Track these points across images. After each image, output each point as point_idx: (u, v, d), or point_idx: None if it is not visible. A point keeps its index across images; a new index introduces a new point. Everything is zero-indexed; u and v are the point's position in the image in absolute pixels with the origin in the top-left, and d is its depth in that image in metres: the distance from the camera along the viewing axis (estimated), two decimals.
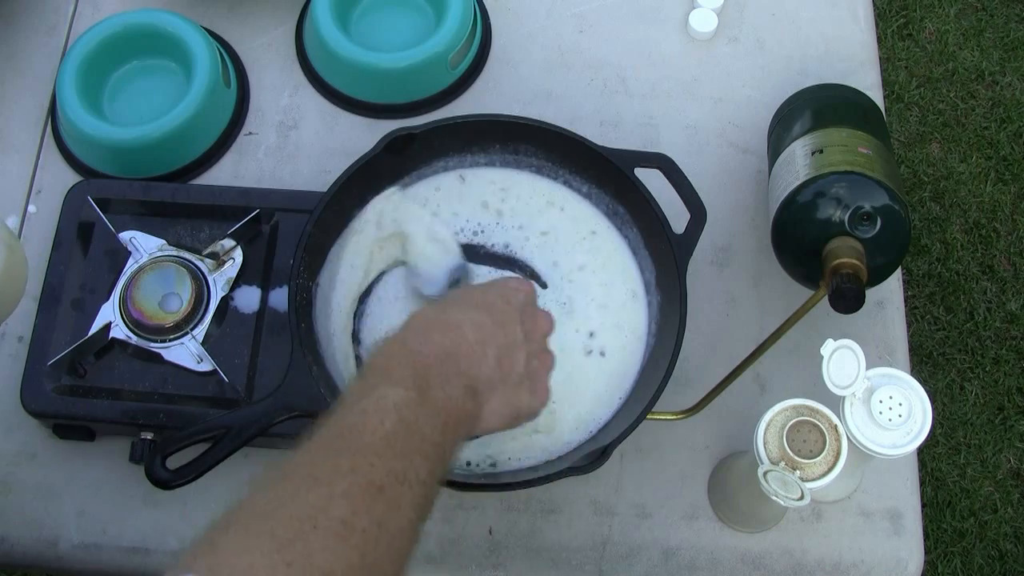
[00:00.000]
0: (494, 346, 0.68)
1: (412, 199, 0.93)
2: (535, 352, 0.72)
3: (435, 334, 0.66)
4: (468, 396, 0.65)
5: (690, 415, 0.89)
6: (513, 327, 0.70)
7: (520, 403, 0.70)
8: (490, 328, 0.68)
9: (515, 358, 0.69)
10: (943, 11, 2.19)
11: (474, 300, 0.71)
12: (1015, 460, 1.81)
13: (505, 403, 0.69)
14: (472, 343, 0.67)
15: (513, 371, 0.69)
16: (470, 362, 0.66)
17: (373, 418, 0.59)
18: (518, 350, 0.70)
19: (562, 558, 0.90)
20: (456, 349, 0.66)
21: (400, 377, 0.62)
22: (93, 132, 0.99)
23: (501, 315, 0.70)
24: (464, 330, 0.67)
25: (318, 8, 1.05)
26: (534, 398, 0.71)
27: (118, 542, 0.90)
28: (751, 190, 1.03)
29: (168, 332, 0.90)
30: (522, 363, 0.70)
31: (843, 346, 0.79)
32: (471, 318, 0.68)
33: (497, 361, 0.67)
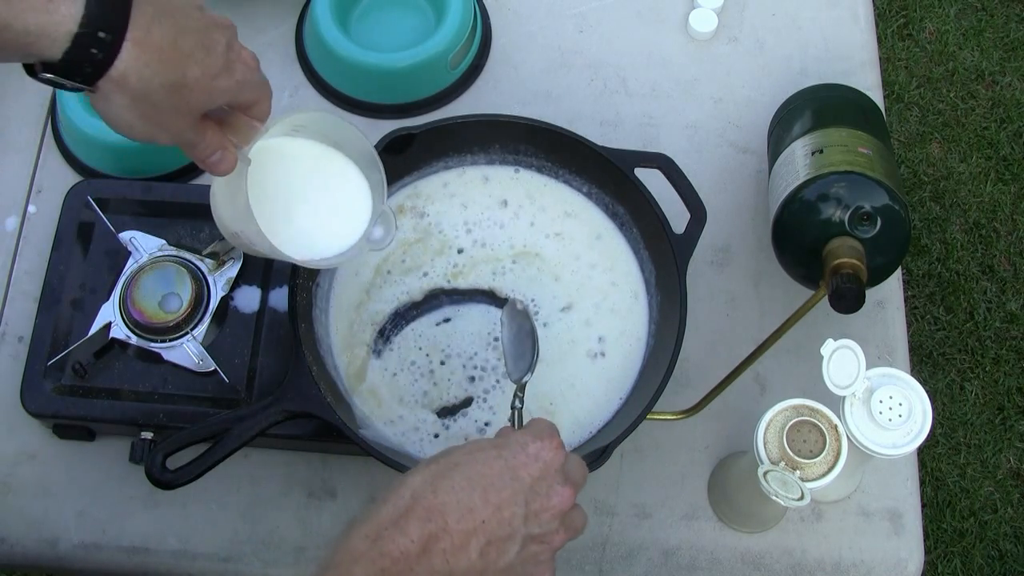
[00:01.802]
0: (482, 536, 0.61)
1: None
2: (538, 535, 0.64)
3: (413, 522, 0.60)
4: None
5: (690, 415, 0.89)
6: (512, 509, 0.62)
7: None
8: (481, 514, 0.61)
9: (506, 548, 0.62)
10: (943, 11, 2.19)
11: (473, 472, 0.63)
12: (1015, 460, 1.81)
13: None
14: (454, 534, 0.60)
15: (500, 560, 0.62)
16: (447, 557, 0.60)
17: None
18: (512, 538, 0.62)
19: (562, 558, 0.90)
20: (435, 543, 0.59)
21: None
22: (93, 132, 0.99)
23: (500, 494, 0.62)
24: (448, 518, 0.60)
25: (318, 8, 1.05)
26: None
27: (118, 542, 0.90)
28: (751, 190, 1.03)
29: (168, 332, 0.90)
30: (513, 553, 0.62)
31: (843, 346, 0.79)
32: (460, 500, 0.61)
33: (480, 554, 0.61)
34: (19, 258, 1.00)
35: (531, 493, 0.63)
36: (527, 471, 0.64)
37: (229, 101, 0.68)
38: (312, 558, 0.89)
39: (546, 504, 0.64)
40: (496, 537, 0.61)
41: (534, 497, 0.63)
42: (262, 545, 0.90)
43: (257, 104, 0.71)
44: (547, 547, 0.65)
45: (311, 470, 0.92)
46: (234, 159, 0.70)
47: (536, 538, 0.64)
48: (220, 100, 0.67)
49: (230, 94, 0.67)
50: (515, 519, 0.62)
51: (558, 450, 0.66)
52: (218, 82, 0.65)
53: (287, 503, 0.91)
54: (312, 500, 0.91)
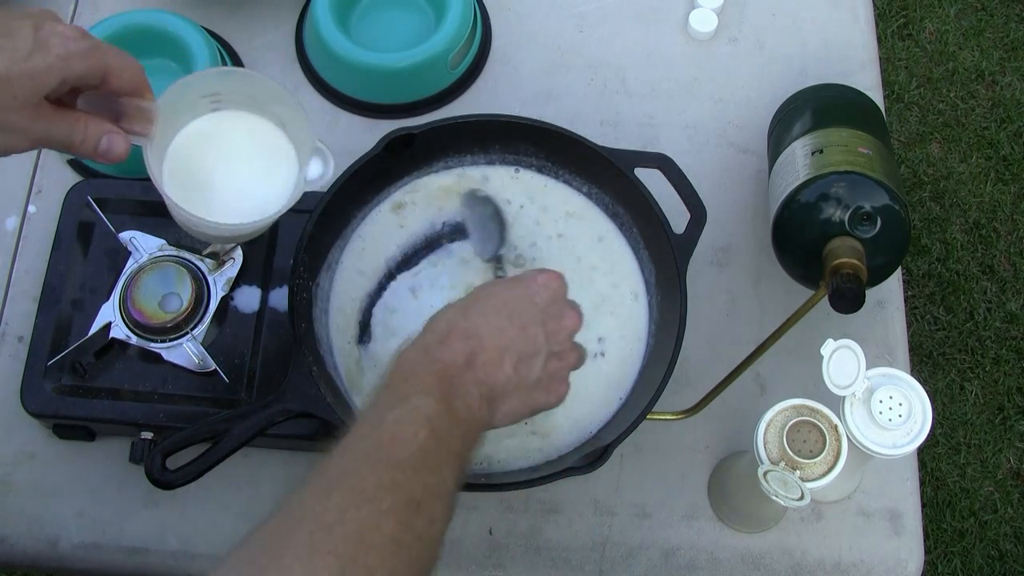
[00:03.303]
0: (513, 352, 0.68)
1: None
2: (557, 352, 0.72)
3: (455, 341, 0.67)
4: (484, 403, 0.66)
5: (690, 415, 0.89)
6: (535, 329, 0.70)
7: (535, 402, 0.71)
8: (510, 333, 0.69)
9: (533, 362, 0.70)
10: (943, 11, 2.19)
11: (496, 301, 0.71)
12: (1015, 460, 1.81)
13: (519, 403, 0.70)
14: (491, 350, 0.67)
15: (530, 375, 0.70)
16: (487, 370, 0.67)
17: (408, 429, 0.61)
18: (538, 354, 0.70)
19: (562, 558, 0.90)
20: (475, 357, 0.67)
21: (428, 387, 0.64)
22: None
23: (522, 317, 0.70)
24: (483, 336, 0.68)
25: (318, 8, 1.05)
26: (550, 395, 0.72)
27: (118, 542, 0.90)
28: (751, 190, 1.03)
29: (168, 332, 0.90)
30: (540, 366, 0.70)
31: (843, 346, 0.79)
32: (491, 322, 0.69)
33: (515, 367, 0.68)
34: (19, 258, 1.01)
35: (547, 315, 0.71)
36: (540, 297, 0.72)
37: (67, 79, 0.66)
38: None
39: (561, 324, 0.72)
40: (525, 353, 0.69)
41: (550, 319, 0.71)
42: None
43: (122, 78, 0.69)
44: (564, 364, 0.73)
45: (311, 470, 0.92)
46: (124, 144, 0.70)
47: (555, 355, 0.71)
48: (49, 81, 0.65)
49: (57, 72, 0.65)
50: (538, 337, 0.70)
51: (561, 280, 0.74)
52: (33, 62, 0.64)
53: None
54: None
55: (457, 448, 0.63)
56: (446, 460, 0.61)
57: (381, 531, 0.55)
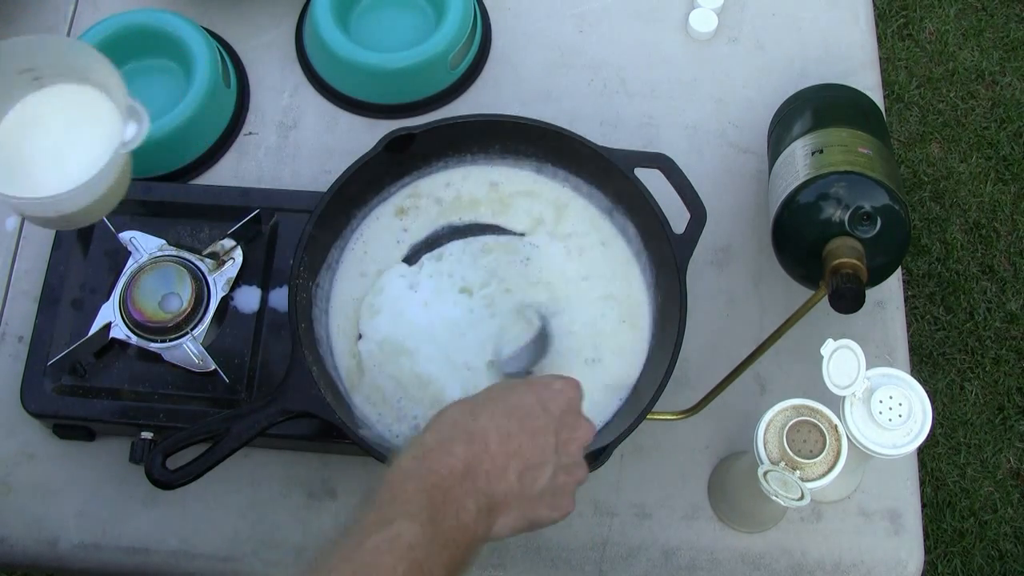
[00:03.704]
0: (520, 460, 0.65)
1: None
2: (565, 466, 0.68)
3: (458, 446, 0.64)
4: (482, 516, 0.63)
5: (690, 415, 0.89)
6: (545, 439, 0.67)
7: (537, 516, 0.67)
8: (518, 440, 0.65)
9: (540, 474, 0.66)
10: (943, 11, 2.19)
11: (509, 403, 0.67)
12: (1015, 460, 1.81)
13: (520, 516, 0.66)
14: (496, 455, 0.64)
15: (535, 487, 0.66)
16: (489, 479, 0.64)
17: (387, 559, 0.58)
18: (546, 465, 0.66)
19: (562, 558, 0.90)
20: (477, 464, 0.63)
21: (416, 509, 0.60)
22: None
23: (534, 423, 0.67)
24: (489, 441, 0.64)
25: (318, 8, 1.05)
26: (554, 511, 0.68)
27: (118, 542, 0.90)
28: (751, 190, 1.03)
29: (168, 332, 0.90)
30: (546, 479, 0.66)
31: (843, 346, 0.79)
32: (499, 426, 0.65)
33: (519, 477, 0.65)
34: (19, 258, 1.01)
35: (560, 424, 0.68)
36: (555, 405, 0.68)
37: None
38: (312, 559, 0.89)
39: (573, 435, 0.69)
40: (532, 464, 0.65)
41: (563, 428, 0.68)
42: (262, 545, 0.90)
43: None
44: (572, 480, 0.69)
45: (311, 470, 0.92)
46: None
47: (564, 468, 0.68)
48: None
49: None
50: (548, 447, 0.67)
51: (578, 389, 0.72)
52: None
53: (287, 503, 0.91)
54: (312, 500, 0.91)
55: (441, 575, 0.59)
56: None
57: None
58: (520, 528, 0.66)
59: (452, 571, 0.60)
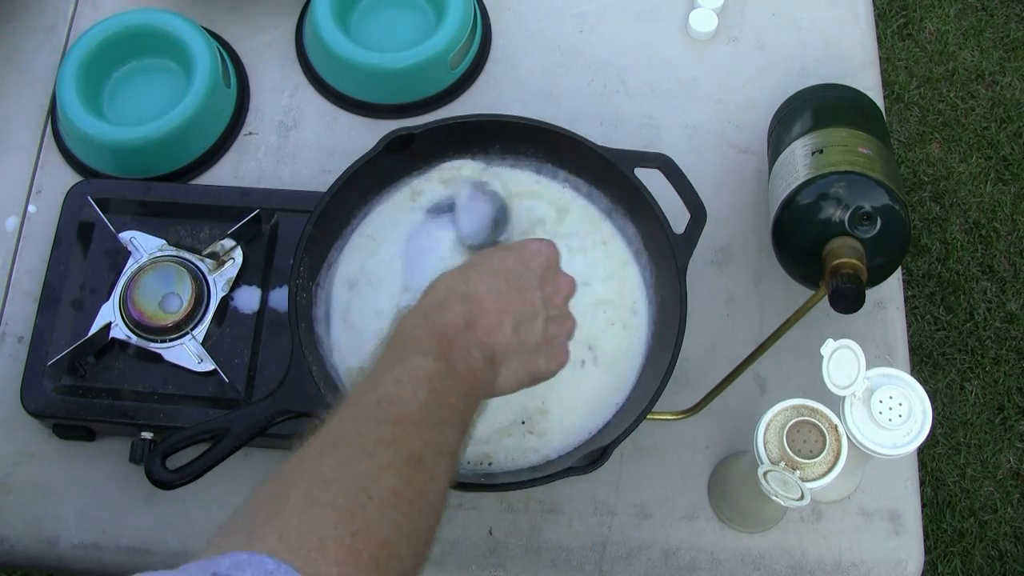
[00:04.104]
0: (512, 314, 0.69)
1: None
2: (554, 316, 0.73)
3: (454, 304, 0.68)
4: (487, 364, 0.67)
5: (690, 415, 0.89)
6: (532, 293, 0.71)
7: (537, 368, 0.71)
8: (508, 295, 0.70)
9: (533, 325, 0.70)
10: (943, 11, 2.19)
11: (493, 266, 0.72)
12: (1015, 460, 1.81)
13: (521, 368, 0.70)
14: (490, 312, 0.68)
15: (530, 338, 0.70)
16: (488, 331, 0.68)
17: (407, 389, 0.61)
18: (536, 317, 0.71)
19: (562, 558, 0.90)
20: (475, 319, 0.67)
21: (427, 348, 0.64)
22: (93, 132, 0.99)
23: (519, 281, 0.71)
24: (482, 299, 0.68)
25: (318, 8, 1.05)
26: (551, 361, 0.72)
27: (118, 542, 0.90)
28: (751, 190, 1.03)
29: (168, 332, 0.90)
30: (539, 330, 0.71)
31: (843, 346, 0.79)
32: (489, 286, 0.69)
33: (514, 329, 0.69)
34: (19, 258, 1.01)
35: (542, 280, 0.72)
36: (535, 263, 0.73)
37: None
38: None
39: (556, 288, 0.73)
40: (524, 317, 0.70)
41: (545, 283, 0.73)
42: None
43: None
44: (563, 330, 0.74)
45: None
46: None
47: (553, 320, 0.72)
48: None
49: None
50: (536, 300, 0.71)
51: (554, 247, 0.75)
52: None
53: None
54: None
55: (459, 406, 0.63)
56: (447, 418, 0.61)
57: (380, 485, 0.55)
58: (523, 380, 0.70)
59: (467, 405, 0.64)
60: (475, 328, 0.67)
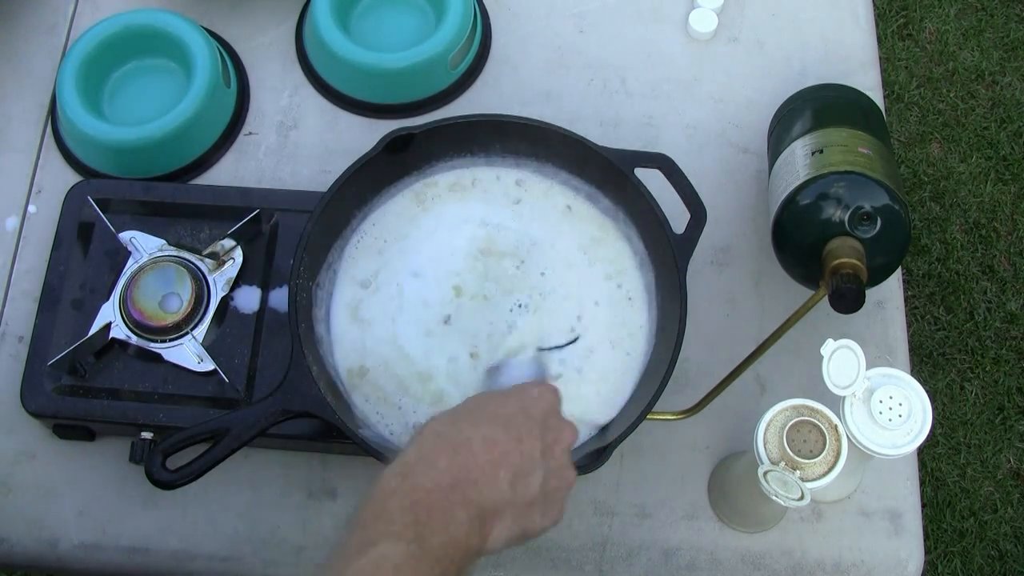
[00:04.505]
0: (508, 467, 0.63)
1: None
2: (554, 470, 0.66)
3: (442, 457, 0.62)
4: (474, 527, 0.61)
5: (690, 415, 0.89)
6: (531, 443, 0.65)
7: (531, 525, 0.65)
8: (504, 446, 0.64)
9: (530, 480, 0.64)
10: (943, 11, 2.19)
11: (490, 411, 0.66)
12: (1015, 460, 1.81)
13: (514, 525, 0.64)
14: (483, 464, 0.62)
15: (527, 493, 0.64)
16: (479, 488, 0.61)
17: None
18: (535, 471, 0.65)
19: (562, 558, 0.90)
20: (465, 475, 0.61)
21: (399, 528, 0.58)
22: (93, 132, 0.99)
23: (518, 430, 0.65)
24: (474, 449, 0.63)
25: (318, 8, 1.05)
26: (545, 518, 0.66)
27: (118, 542, 0.90)
28: (751, 190, 1.03)
29: (168, 332, 0.90)
30: (538, 484, 0.64)
31: (843, 346, 0.79)
32: (484, 434, 0.64)
33: (511, 484, 0.63)
34: (19, 258, 1.01)
35: (543, 428, 0.67)
36: (537, 410, 0.67)
37: None
38: (312, 558, 0.89)
39: (558, 437, 0.68)
40: (521, 470, 0.64)
41: (547, 432, 0.67)
42: (262, 545, 0.90)
43: None
44: (563, 485, 0.67)
45: (311, 470, 0.92)
46: None
47: (553, 472, 0.66)
48: None
49: None
50: (535, 452, 0.65)
51: (556, 393, 0.71)
52: None
53: (287, 503, 0.91)
54: (312, 500, 0.91)
55: None
56: None
57: None
58: (513, 538, 0.64)
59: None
60: (463, 485, 0.61)
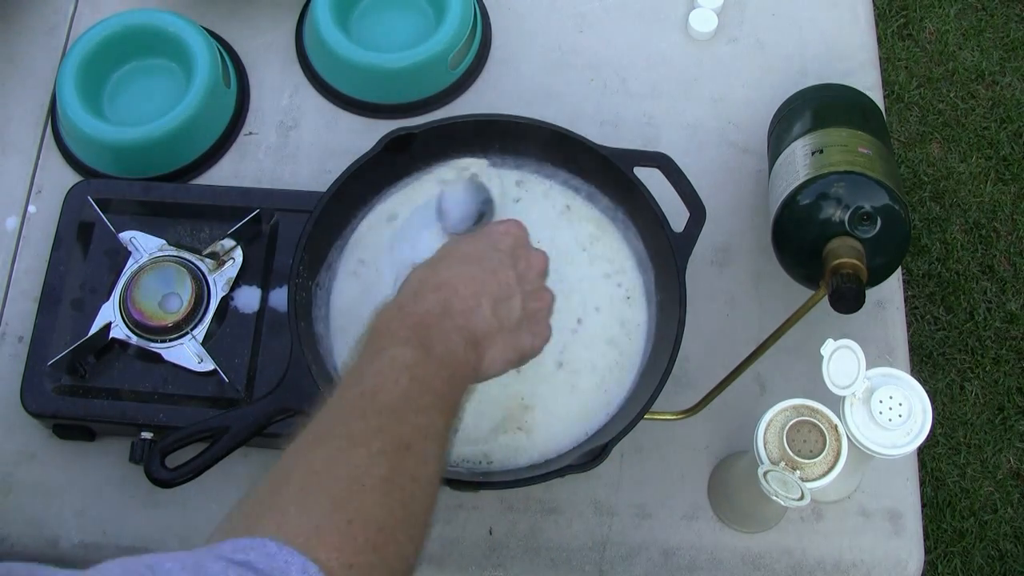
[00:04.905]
0: (488, 296, 0.69)
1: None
2: (531, 293, 0.73)
3: (427, 294, 0.68)
4: (469, 348, 0.67)
5: (690, 415, 0.89)
6: (505, 273, 0.71)
7: (522, 345, 0.71)
8: (481, 279, 0.70)
9: (511, 304, 0.71)
10: (943, 11, 2.19)
11: (462, 253, 0.72)
12: (1015, 460, 1.81)
13: (506, 348, 0.70)
14: (465, 296, 0.68)
15: (511, 316, 0.70)
16: (466, 316, 0.68)
17: (389, 378, 0.62)
18: (513, 296, 0.71)
19: (562, 558, 0.90)
20: (450, 305, 0.67)
21: (405, 338, 0.64)
22: (93, 132, 0.99)
23: (491, 263, 0.71)
24: (455, 285, 0.69)
25: (318, 8, 1.05)
26: (536, 338, 0.73)
27: (118, 542, 0.90)
28: (751, 190, 1.03)
29: (168, 332, 0.90)
30: (518, 308, 0.71)
31: (843, 346, 0.79)
32: (461, 272, 0.70)
33: (493, 310, 0.69)
34: (19, 258, 1.01)
35: (514, 258, 0.73)
36: (504, 243, 0.74)
37: None
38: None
39: (529, 264, 0.74)
40: (500, 296, 0.70)
41: (517, 261, 0.73)
42: None
43: None
44: (542, 305, 0.74)
45: None
46: None
47: (531, 295, 0.73)
48: None
49: None
50: (510, 279, 0.71)
51: (521, 226, 0.76)
52: None
53: None
54: None
55: (443, 390, 0.63)
56: (432, 403, 0.62)
57: (372, 473, 0.56)
58: (510, 360, 0.70)
59: (452, 388, 0.64)
60: (452, 314, 0.67)
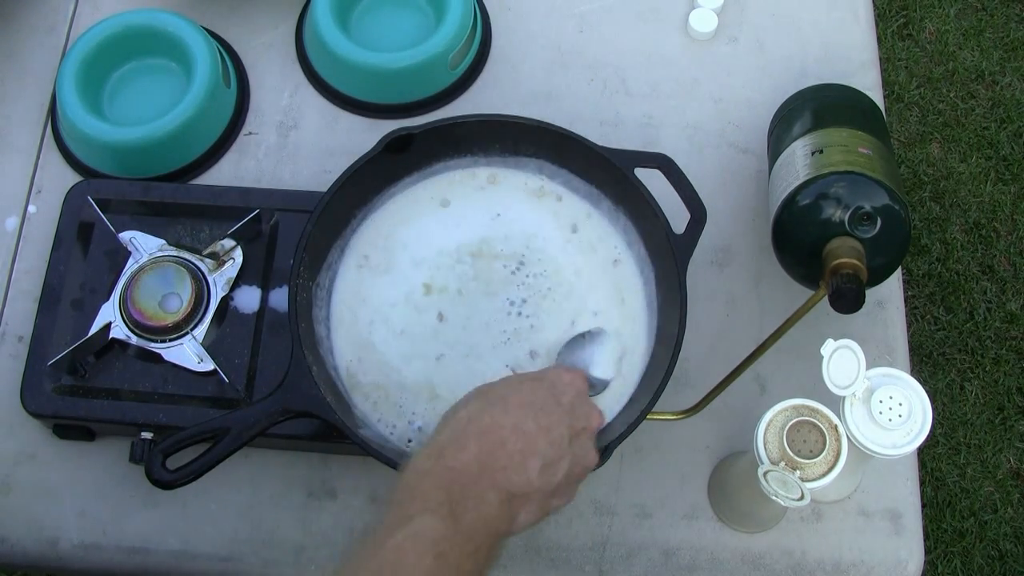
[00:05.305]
0: (538, 456, 0.65)
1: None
2: (579, 457, 0.69)
3: (472, 442, 0.64)
4: (502, 510, 0.63)
5: (690, 415, 0.89)
6: (560, 432, 0.67)
7: (551, 507, 0.68)
8: (534, 435, 0.65)
9: (558, 467, 0.66)
10: (943, 11, 2.19)
11: (521, 398, 0.68)
12: (1015, 460, 1.81)
13: (538, 510, 0.66)
14: (512, 453, 0.64)
15: (553, 480, 0.66)
16: (507, 474, 0.64)
17: (410, 556, 0.58)
18: (563, 459, 0.67)
19: (562, 558, 0.90)
20: (493, 460, 0.63)
21: (435, 503, 0.61)
22: (93, 132, 0.99)
23: (548, 418, 0.67)
24: (504, 436, 0.64)
25: (318, 8, 1.05)
26: (565, 499, 0.69)
27: (118, 542, 0.90)
28: (751, 190, 1.04)
29: (168, 332, 0.90)
30: (563, 472, 0.67)
31: (843, 346, 0.79)
32: (514, 422, 0.65)
33: (539, 473, 0.65)
34: (19, 258, 1.01)
35: (572, 416, 0.69)
36: (566, 397, 0.70)
37: None
38: (312, 558, 0.89)
39: (585, 424, 0.70)
40: (550, 459, 0.66)
41: (575, 419, 0.69)
42: (262, 545, 0.90)
43: None
44: (584, 470, 0.70)
45: (311, 470, 0.92)
46: None
47: (577, 459, 0.68)
48: None
49: None
50: (563, 440, 0.67)
51: (584, 379, 0.74)
52: None
53: (287, 503, 0.91)
54: (312, 500, 0.91)
55: (468, 567, 0.59)
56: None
57: None
58: (535, 521, 0.66)
59: (479, 563, 0.61)
60: (492, 470, 0.63)
